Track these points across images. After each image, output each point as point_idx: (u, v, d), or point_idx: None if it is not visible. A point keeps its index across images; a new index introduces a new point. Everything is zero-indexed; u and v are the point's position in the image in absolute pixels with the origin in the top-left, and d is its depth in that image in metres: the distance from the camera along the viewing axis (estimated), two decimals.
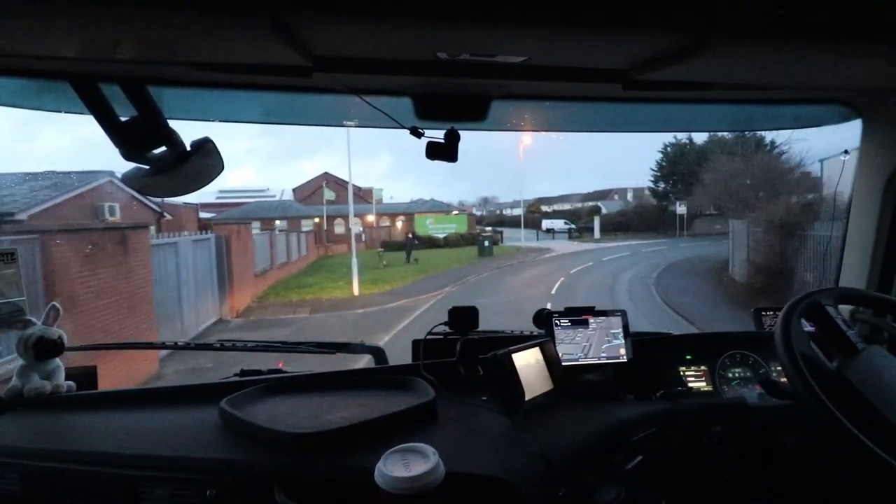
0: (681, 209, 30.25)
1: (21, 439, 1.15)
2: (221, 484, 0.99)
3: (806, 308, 1.10)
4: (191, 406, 1.30)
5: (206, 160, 1.17)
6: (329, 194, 30.93)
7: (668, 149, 33.73)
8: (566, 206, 49.80)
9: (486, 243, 23.43)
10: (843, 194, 1.70)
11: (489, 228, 37.85)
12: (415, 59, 1.01)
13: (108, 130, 1.10)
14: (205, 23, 0.83)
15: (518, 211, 56.46)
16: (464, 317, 1.50)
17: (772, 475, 1.39)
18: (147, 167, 1.15)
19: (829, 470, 1.32)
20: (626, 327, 1.55)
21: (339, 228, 31.85)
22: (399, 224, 34.52)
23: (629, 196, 46.39)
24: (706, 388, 1.51)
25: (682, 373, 1.53)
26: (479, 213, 54.82)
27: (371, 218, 32.51)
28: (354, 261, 15.02)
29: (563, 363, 1.41)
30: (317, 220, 30.84)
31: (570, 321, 1.52)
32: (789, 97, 1.36)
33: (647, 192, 44.27)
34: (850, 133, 1.54)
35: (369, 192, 35.12)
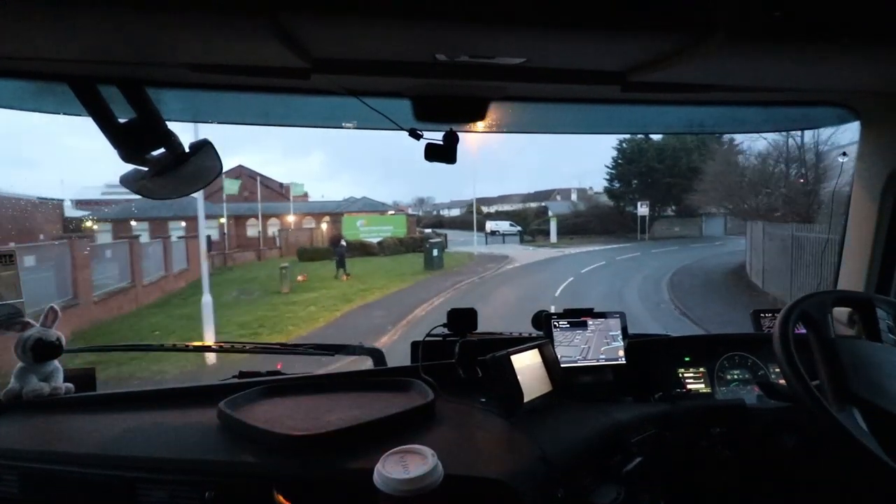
0: (642, 210, 28.69)
1: (19, 441, 1.15)
2: (220, 486, 0.99)
3: (804, 311, 1.10)
4: (189, 408, 1.29)
5: (204, 161, 1.17)
6: (231, 186, 24.05)
7: (625, 146, 31.81)
8: (507, 207, 45.99)
9: (435, 252, 18.20)
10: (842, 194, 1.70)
11: (430, 231, 33.92)
12: (413, 60, 1.02)
13: (107, 132, 1.10)
14: (203, 25, 0.83)
15: (456, 212, 53.85)
16: (462, 318, 1.50)
17: (770, 477, 1.39)
18: (146, 169, 1.15)
19: (828, 471, 1.32)
20: (624, 329, 1.55)
21: (251, 230, 27.43)
22: (325, 226, 28.02)
23: (573, 196, 44.03)
24: (705, 390, 1.51)
25: (680, 374, 1.53)
26: (415, 214, 50.16)
27: (291, 219, 27.64)
28: (206, 298, 8.55)
29: (562, 365, 1.41)
30: (222, 220, 24.48)
31: (568, 323, 1.52)
32: (787, 99, 1.36)
33: (591, 191, 42.09)
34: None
35: (289, 188, 30.25)
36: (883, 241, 1.51)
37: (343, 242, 18.97)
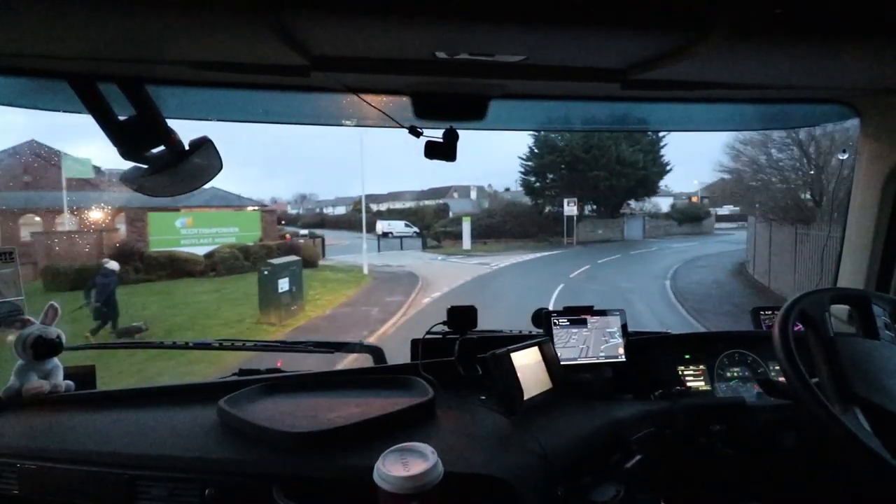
0: (569, 209, 25.00)
1: (19, 439, 1.15)
2: (220, 483, 0.99)
3: (805, 307, 1.10)
4: (189, 405, 1.29)
5: (204, 159, 1.17)
6: None
7: (542, 134, 26.50)
8: (399, 205, 41.15)
9: (284, 284, 9.83)
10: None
11: (305, 232, 27.13)
12: (413, 58, 1.01)
13: (107, 130, 1.10)
14: (203, 22, 0.83)
15: (342, 210, 47.56)
16: (462, 316, 1.50)
17: (770, 474, 1.39)
18: (145, 166, 1.15)
19: (828, 469, 1.32)
20: (624, 326, 1.55)
21: (25, 231, 16.57)
22: (123, 228, 17.14)
23: (472, 195, 39.91)
24: (705, 388, 1.51)
25: (680, 372, 1.53)
26: (294, 212, 45.32)
27: (67, 216, 16.17)
28: None
29: (562, 363, 1.41)
30: None
31: (568, 321, 1.52)
32: (787, 97, 1.36)
33: (490, 189, 38.33)
34: None
35: (59, 159, 16.59)
36: (883, 237, 1.51)
37: (112, 266, 9.27)
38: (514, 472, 0.98)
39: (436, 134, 1.31)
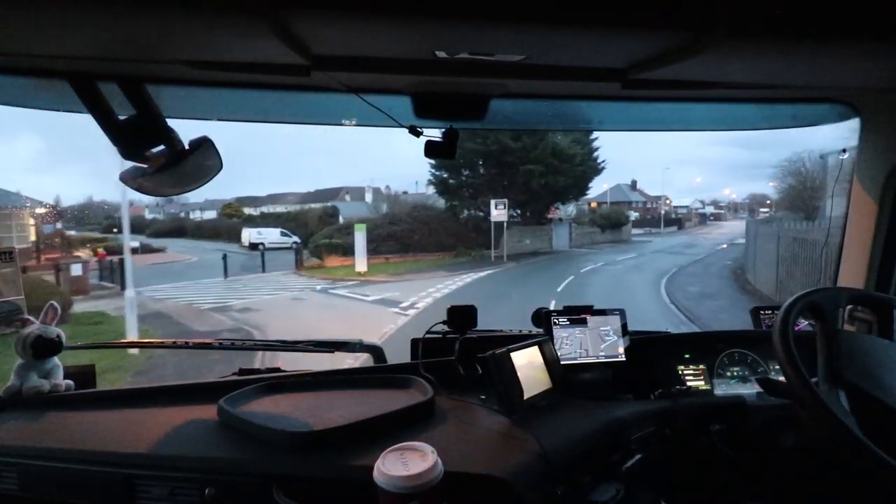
0: (498, 213, 19.68)
1: (19, 438, 1.15)
2: (220, 482, 0.99)
3: (804, 308, 1.10)
4: (189, 405, 1.30)
5: (204, 159, 1.17)
6: None
7: None
8: (280, 208, 34.09)
9: None
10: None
11: (136, 244, 16.22)
12: (413, 57, 1.01)
13: (107, 129, 1.10)
14: (203, 21, 0.83)
15: (212, 214, 39.75)
16: (462, 316, 1.50)
17: (770, 474, 1.39)
18: (145, 166, 1.15)
19: (828, 469, 1.32)
20: (624, 326, 1.55)
21: None
22: None
23: (367, 197, 33.51)
24: (704, 387, 1.51)
25: (680, 371, 1.53)
26: (151, 217, 38.53)
27: None
28: None
29: (562, 362, 1.41)
30: None
31: (568, 320, 1.52)
32: (788, 96, 1.36)
33: (387, 190, 32.80)
34: None
35: None
36: (883, 237, 1.51)
37: None
38: (514, 471, 0.98)
39: (436, 133, 1.31)
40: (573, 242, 26.11)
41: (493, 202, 20.20)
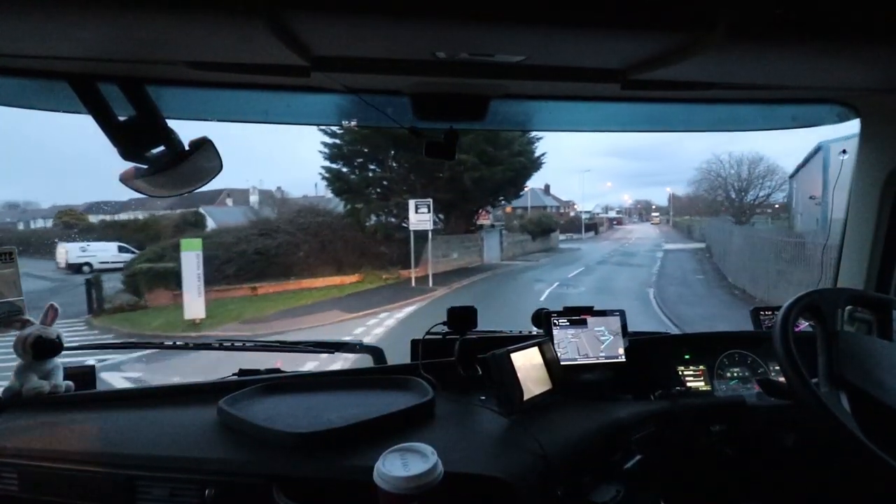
0: (420, 219, 14.20)
1: (19, 439, 1.15)
2: (220, 483, 0.99)
3: (804, 308, 1.10)
4: (189, 406, 1.29)
5: (204, 160, 1.17)
6: None
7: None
8: (140, 215, 23.23)
9: None
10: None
11: None
12: (413, 58, 1.01)
13: (107, 130, 1.10)
14: (203, 22, 0.83)
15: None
16: (462, 317, 1.50)
17: (770, 474, 1.39)
18: (145, 167, 1.15)
19: (828, 469, 1.32)
20: (624, 327, 1.55)
21: None
22: None
23: (252, 198, 26.24)
24: (704, 388, 1.51)
25: (680, 372, 1.53)
26: None
27: None
28: None
29: (562, 363, 1.41)
30: None
31: (568, 321, 1.52)
32: (787, 97, 1.36)
33: (282, 195, 25.56)
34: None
35: None
36: (882, 238, 1.51)
37: None
38: (513, 472, 0.98)
39: (436, 134, 1.31)
40: (504, 253, 21.63)
41: (412, 204, 14.41)
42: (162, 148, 1.14)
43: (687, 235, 36.53)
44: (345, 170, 17.46)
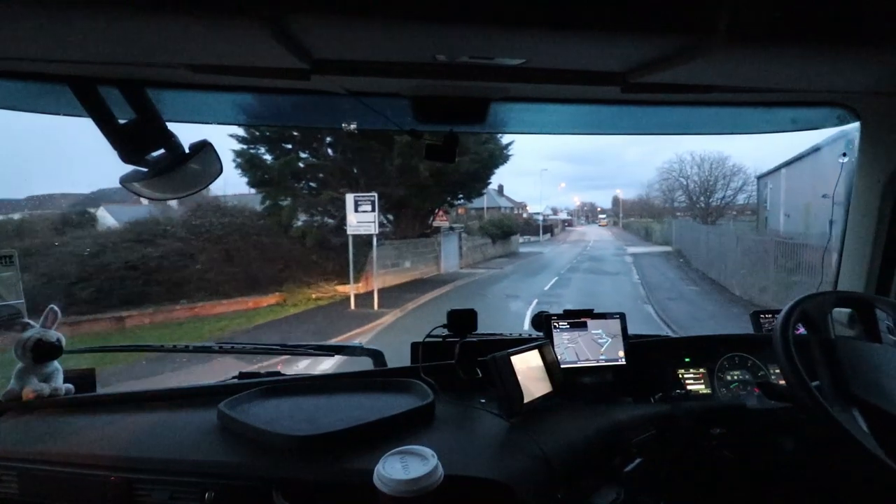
0: (361, 220, 11.08)
1: (19, 442, 1.15)
2: (220, 486, 0.99)
3: (804, 311, 1.10)
4: (189, 408, 1.29)
5: (204, 163, 1.18)
6: None
7: None
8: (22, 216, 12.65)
9: None
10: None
11: None
12: (413, 61, 1.02)
13: (107, 133, 1.11)
14: (204, 26, 0.83)
15: None
16: (462, 319, 1.50)
17: (770, 477, 1.38)
18: (145, 170, 1.15)
19: (828, 472, 1.32)
20: (624, 330, 1.55)
21: None
22: None
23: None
24: (705, 391, 1.51)
25: (680, 375, 1.53)
26: None
27: None
28: None
29: (562, 366, 1.41)
30: None
31: (568, 324, 1.52)
32: (788, 100, 1.37)
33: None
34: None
35: None
36: (883, 241, 1.51)
37: None
38: (514, 475, 0.98)
39: (436, 136, 1.31)
40: (463, 260, 18.72)
41: (351, 200, 10.99)
42: (162, 151, 1.14)
43: (644, 238, 35.65)
44: (267, 157, 13.26)
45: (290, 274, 11.93)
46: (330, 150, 13.94)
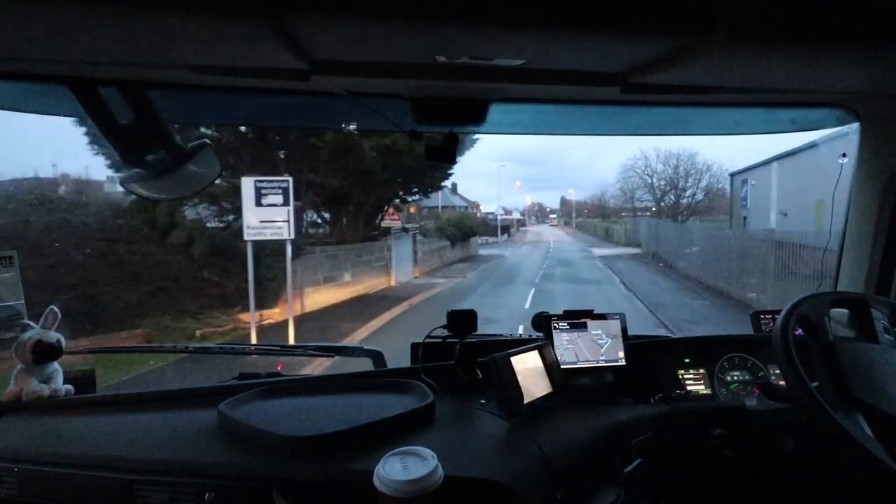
0: (273, 216, 7.26)
1: (19, 443, 1.14)
2: (220, 487, 0.99)
3: (801, 314, 1.10)
4: (189, 409, 1.29)
5: (203, 164, 1.18)
6: None
7: None
8: None
9: None
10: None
11: None
12: (413, 62, 1.02)
13: (107, 134, 1.11)
14: (204, 27, 0.83)
15: None
16: (462, 320, 1.50)
17: (770, 478, 1.38)
18: (144, 171, 1.15)
19: (828, 473, 1.32)
20: (624, 330, 1.55)
21: None
22: None
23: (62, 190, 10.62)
24: (705, 392, 1.51)
25: (680, 376, 1.53)
26: None
27: None
28: None
29: (562, 366, 1.41)
30: None
31: (568, 324, 1.52)
32: (787, 101, 1.37)
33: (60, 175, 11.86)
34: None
35: None
36: (883, 242, 1.51)
37: None
38: (514, 475, 0.98)
39: (436, 137, 1.31)
40: (418, 266, 16.28)
41: (249, 187, 7.57)
42: (162, 152, 1.15)
43: (605, 238, 34.96)
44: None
45: (163, 300, 8.12)
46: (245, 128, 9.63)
